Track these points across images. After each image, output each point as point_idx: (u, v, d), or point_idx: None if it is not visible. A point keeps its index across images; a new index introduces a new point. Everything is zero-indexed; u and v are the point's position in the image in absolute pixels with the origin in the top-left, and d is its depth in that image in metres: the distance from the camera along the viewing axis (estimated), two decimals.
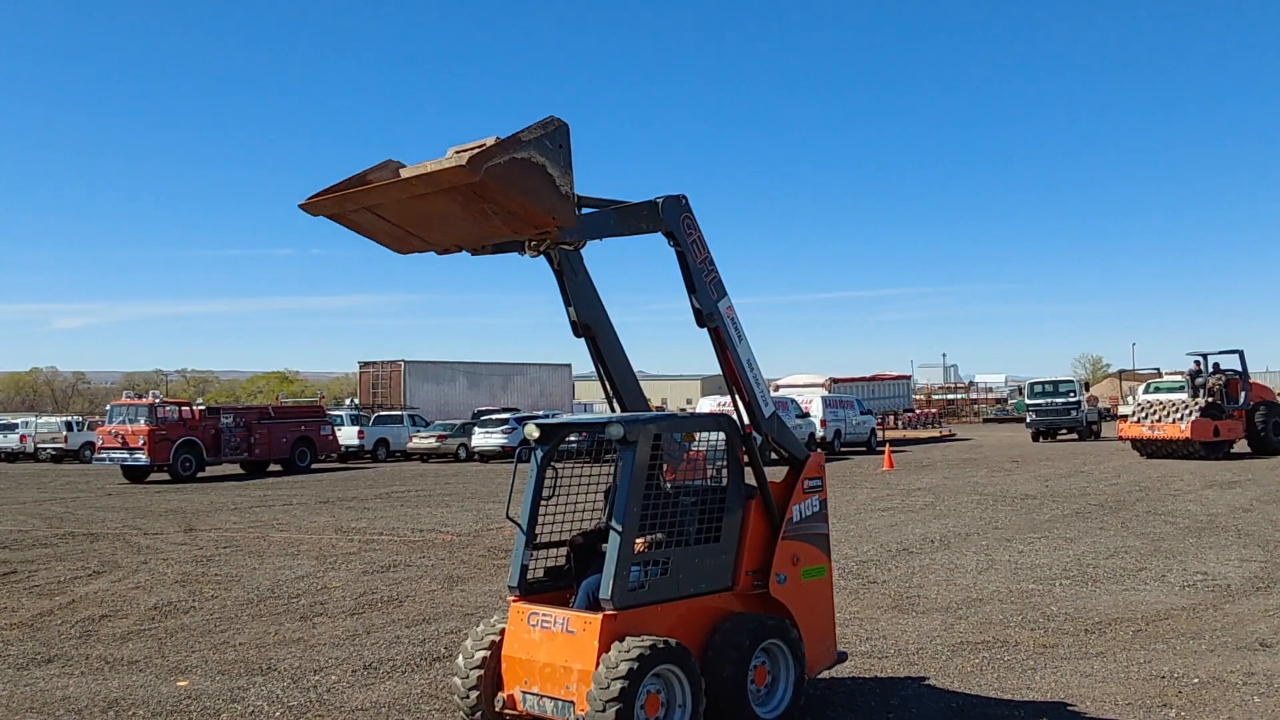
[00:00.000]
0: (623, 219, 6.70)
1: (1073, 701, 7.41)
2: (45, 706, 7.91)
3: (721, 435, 6.96)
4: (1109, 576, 12.12)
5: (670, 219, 6.74)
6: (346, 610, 11.31)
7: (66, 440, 47.25)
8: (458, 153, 6.14)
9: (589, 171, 6.05)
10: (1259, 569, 12.31)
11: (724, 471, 6.98)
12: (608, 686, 5.81)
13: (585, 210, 6.56)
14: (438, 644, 9.63)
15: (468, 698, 6.64)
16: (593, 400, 76.76)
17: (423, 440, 41.52)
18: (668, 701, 6.16)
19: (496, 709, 6.58)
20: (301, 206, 6.06)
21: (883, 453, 34.32)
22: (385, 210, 6.02)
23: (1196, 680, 7.81)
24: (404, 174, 6.27)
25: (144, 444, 31.90)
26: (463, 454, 40.47)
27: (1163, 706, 7.23)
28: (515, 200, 5.61)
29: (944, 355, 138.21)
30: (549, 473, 6.98)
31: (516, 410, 46.58)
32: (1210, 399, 30.88)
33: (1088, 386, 48.86)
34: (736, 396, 7.16)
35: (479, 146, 6.01)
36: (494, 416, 42.08)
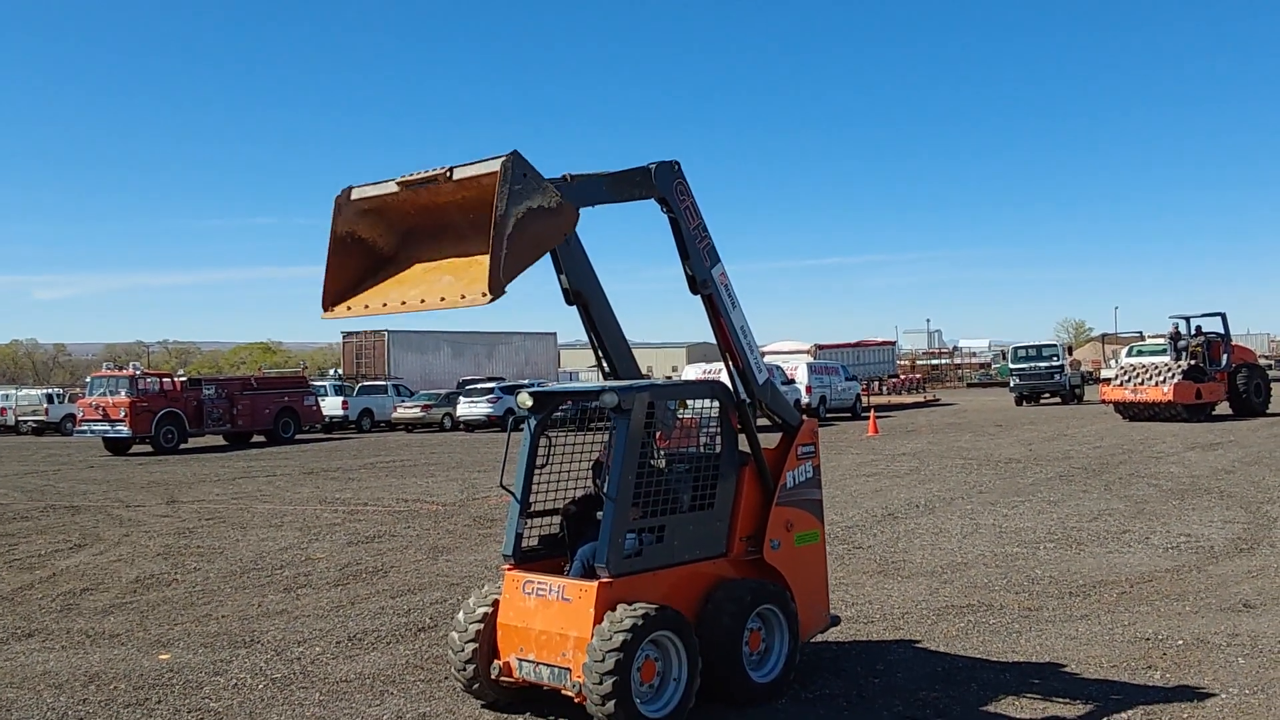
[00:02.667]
0: (615, 185, 6.66)
1: (1058, 664, 7.43)
2: (25, 681, 7.85)
3: (715, 402, 6.95)
4: (1093, 539, 12.16)
5: (663, 185, 6.70)
6: (331, 581, 11.26)
7: (47, 413, 46.88)
8: (403, 185, 6.16)
9: (560, 139, 6.03)
10: (1242, 530, 12.37)
11: (717, 438, 6.98)
12: (604, 654, 5.84)
13: (576, 176, 6.50)
14: (423, 614, 9.59)
15: (464, 668, 6.65)
16: (578, 368, 76.63)
17: (407, 410, 41.43)
18: (664, 667, 6.20)
19: (492, 677, 6.60)
20: (326, 318, 6.37)
21: (868, 418, 34.41)
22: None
23: (1181, 642, 7.83)
24: (360, 204, 6.35)
25: (125, 416, 31.67)
26: (448, 424, 40.40)
27: (1148, 669, 7.24)
28: (535, 254, 5.86)
29: (928, 321, 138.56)
30: (542, 441, 6.96)
31: (502, 379, 46.46)
32: (1192, 361, 31.01)
33: (1071, 350, 48.98)
34: (730, 363, 7.13)
35: (428, 179, 6.04)
36: (479, 386, 41.99)
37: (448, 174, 5.90)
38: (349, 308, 6.25)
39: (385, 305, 6.11)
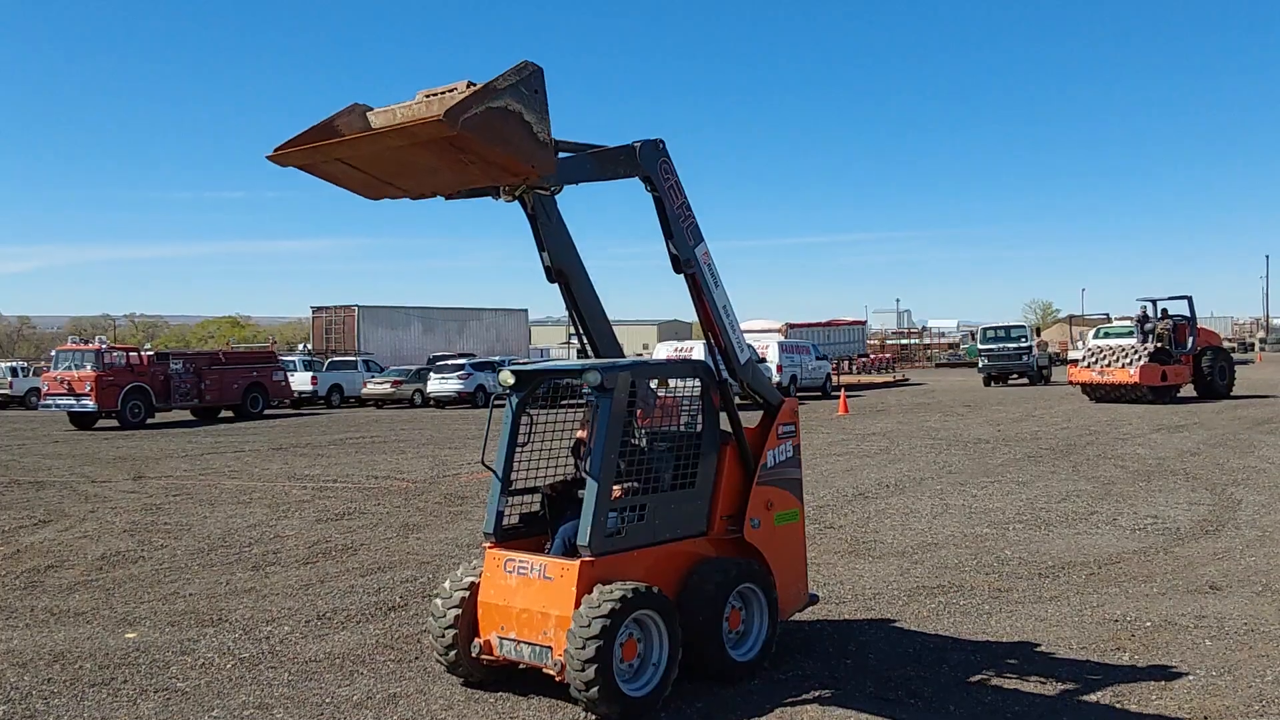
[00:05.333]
0: (600, 163, 6.59)
1: (1028, 645, 7.48)
2: None
3: (697, 381, 6.94)
4: (1061, 520, 12.25)
5: (648, 163, 6.65)
6: (299, 559, 11.17)
7: (11, 386, 46.22)
8: (428, 97, 5.96)
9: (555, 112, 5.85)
10: (1207, 512, 12.51)
11: (699, 417, 6.98)
12: (586, 633, 5.87)
13: (561, 155, 6.41)
14: (393, 593, 9.53)
15: (445, 646, 6.65)
16: (548, 345, 76.49)
17: (377, 386, 41.16)
18: (645, 645, 6.24)
19: (473, 655, 6.60)
20: (270, 158, 5.87)
21: (838, 398, 34.53)
22: (357, 160, 5.85)
23: (1149, 623, 7.90)
24: (373, 120, 6.10)
25: (91, 390, 31.28)
26: (418, 400, 40.22)
27: (1116, 650, 7.30)
28: (494, 150, 5.48)
29: (898, 301, 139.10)
30: (524, 419, 6.94)
31: (473, 356, 46.27)
32: (1159, 344, 31.30)
33: (1038, 332, 49.44)
34: (712, 342, 7.10)
35: (449, 91, 5.83)
36: (450, 362, 41.78)
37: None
38: (297, 149, 5.84)
39: (339, 145, 5.73)
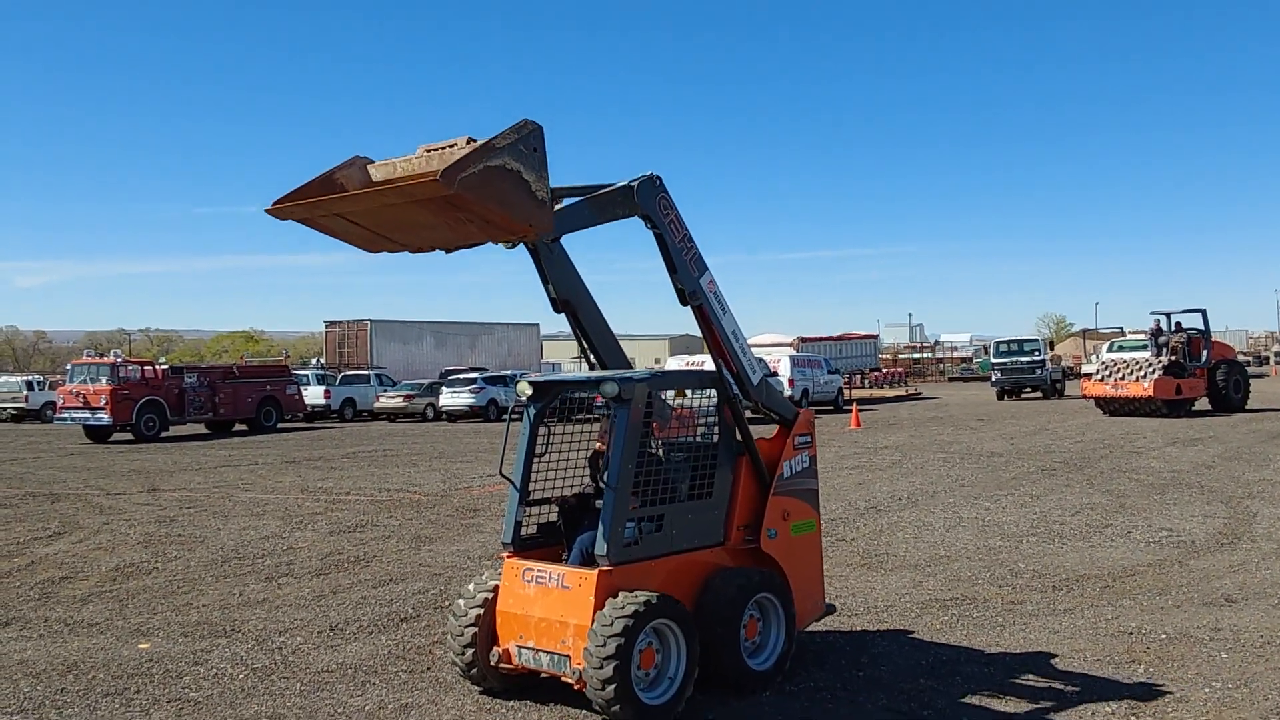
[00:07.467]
0: (599, 208, 6.61)
1: (1042, 657, 7.44)
2: (3, 670, 7.75)
3: (712, 392, 6.98)
4: (1075, 533, 12.19)
5: (646, 202, 6.62)
6: (312, 571, 11.19)
7: (27, 400, 46.41)
8: (428, 152, 6.01)
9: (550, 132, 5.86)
10: (1222, 525, 12.44)
11: (715, 428, 7.00)
12: (605, 641, 5.90)
13: (560, 201, 6.43)
14: (405, 604, 9.54)
15: (463, 653, 6.69)
16: (560, 360, 76.56)
17: (390, 400, 41.26)
18: (663, 654, 6.26)
19: (491, 663, 6.64)
20: (269, 211, 5.93)
21: (850, 411, 34.46)
22: (356, 216, 5.89)
23: (1164, 636, 7.86)
24: (374, 173, 6.16)
25: (106, 403, 31.43)
26: (430, 414, 40.29)
27: (1131, 662, 7.26)
28: (491, 209, 5.50)
29: (910, 315, 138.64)
30: (541, 430, 6.99)
31: (484, 370, 46.34)
32: (1173, 357, 31.19)
33: (1052, 345, 49.30)
34: (724, 368, 7.11)
35: (450, 146, 5.88)
36: (462, 376, 41.86)
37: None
38: (296, 204, 5.87)
39: (337, 201, 5.77)
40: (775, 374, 36.53)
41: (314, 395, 41.09)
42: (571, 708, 6.46)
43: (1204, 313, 32.84)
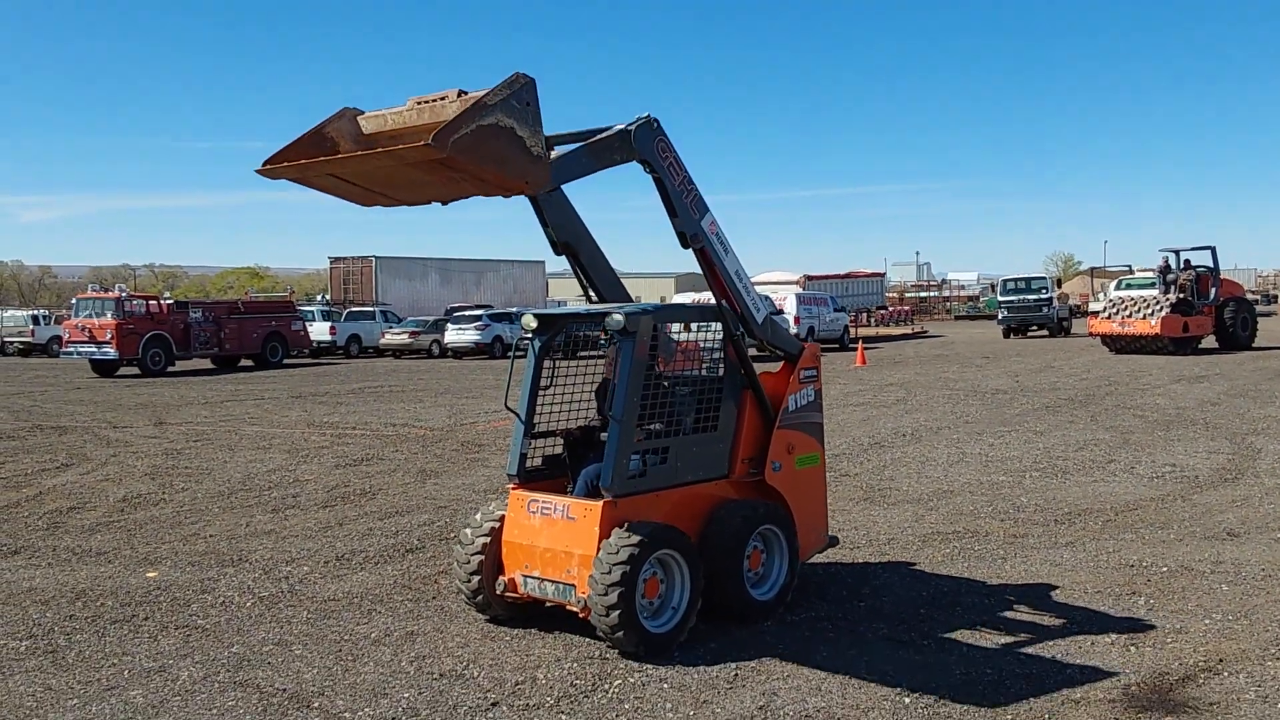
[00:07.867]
0: (595, 155, 6.43)
1: (1043, 589, 7.48)
2: (11, 598, 7.84)
3: (718, 326, 6.96)
4: (1078, 468, 12.21)
5: (644, 146, 6.45)
6: (318, 503, 11.26)
7: (33, 334, 46.60)
8: (419, 104, 5.88)
9: (548, 76, 5.69)
10: (1226, 460, 12.44)
11: (720, 362, 6.99)
12: (609, 570, 5.96)
13: (555, 149, 6.31)
14: (410, 536, 9.60)
15: (469, 581, 6.75)
16: (565, 298, 76.45)
17: (395, 336, 41.30)
18: (667, 585, 6.32)
19: (497, 592, 6.70)
20: (260, 171, 5.79)
21: (855, 349, 34.43)
22: (348, 175, 5.78)
23: (1165, 569, 7.89)
24: (364, 124, 6.05)
25: (112, 338, 31.48)
26: (435, 350, 40.35)
27: (1131, 594, 7.30)
28: (487, 169, 5.38)
29: (917, 253, 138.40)
30: (546, 363, 7.00)
31: (490, 307, 46.29)
32: (1181, 295, 31.02)
33: (1059, 284, 49.05)
34: (728, 309, 7.05)
35: (440, 99, 5.76)
36: (467, 313, 41.83)
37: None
38: (287, 165, 5.76)
39: (328, 163, 5.64)
40: (781, 312, 36.47)
41: (319, 331, 41.12)
42: (576, 635, 6.52)
43: (1213, 250, 32.60)
